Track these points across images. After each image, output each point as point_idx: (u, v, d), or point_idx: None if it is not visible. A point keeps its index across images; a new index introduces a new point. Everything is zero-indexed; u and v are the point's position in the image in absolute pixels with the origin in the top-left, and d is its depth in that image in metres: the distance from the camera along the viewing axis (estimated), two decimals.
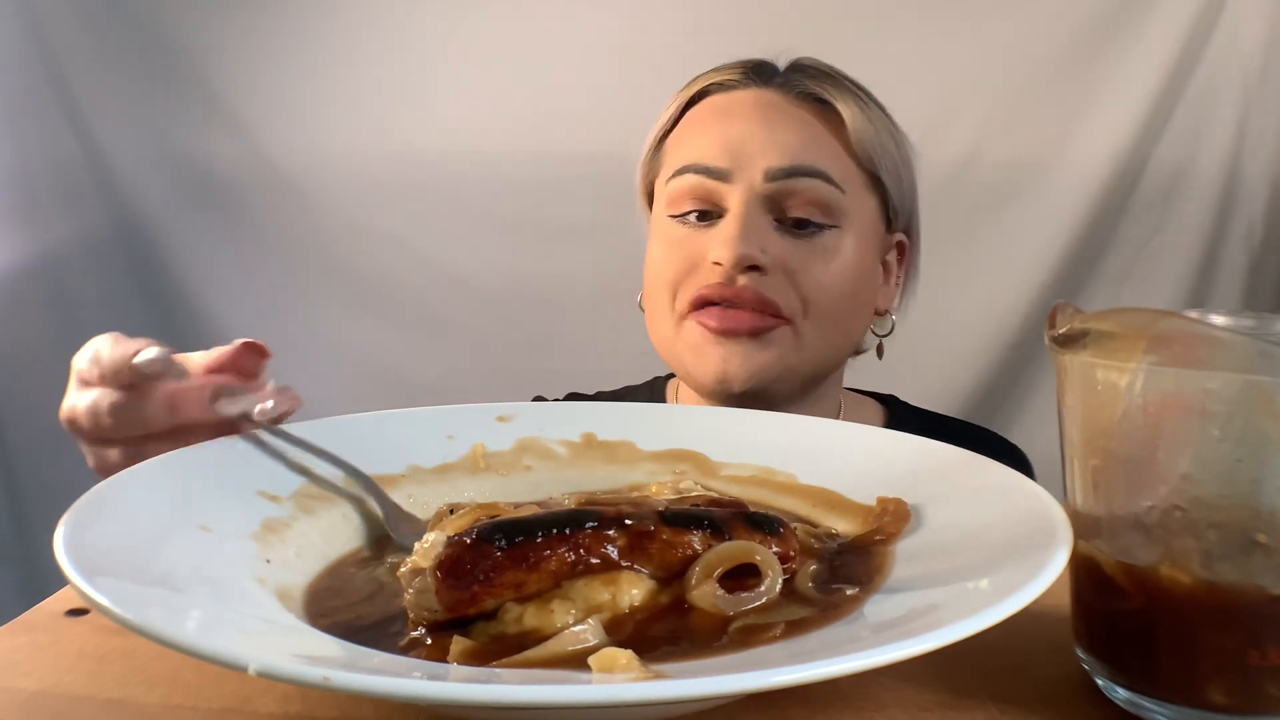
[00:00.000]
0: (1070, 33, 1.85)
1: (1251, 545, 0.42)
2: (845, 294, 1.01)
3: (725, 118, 1.04)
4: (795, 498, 0.63)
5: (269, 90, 2.03)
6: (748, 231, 0.96)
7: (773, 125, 1.01)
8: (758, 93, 1.05)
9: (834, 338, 1.03)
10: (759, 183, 0.98)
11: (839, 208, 1.00)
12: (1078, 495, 0.48)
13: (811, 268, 0.99)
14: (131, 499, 0.52)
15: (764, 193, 0.98)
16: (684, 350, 1.01)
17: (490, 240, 2.01)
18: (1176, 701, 0.44)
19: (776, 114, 1.03)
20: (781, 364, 0.99)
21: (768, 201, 0.99)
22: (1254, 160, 1.85)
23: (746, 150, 1.00)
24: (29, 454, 2.06)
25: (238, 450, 0.61)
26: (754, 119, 1.02)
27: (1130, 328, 0.44)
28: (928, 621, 0.41)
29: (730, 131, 1.01)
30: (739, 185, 0.99)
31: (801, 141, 1.00)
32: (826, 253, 1.00)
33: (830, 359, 1.05)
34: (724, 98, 1.06)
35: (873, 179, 1.04)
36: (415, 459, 0.66)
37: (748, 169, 0.99)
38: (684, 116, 1.09)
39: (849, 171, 1.02)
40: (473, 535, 0.46)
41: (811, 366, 1.02)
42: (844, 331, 1.05)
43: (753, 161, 0.99)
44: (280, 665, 0.35)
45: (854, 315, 1.05)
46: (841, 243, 1.00)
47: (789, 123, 1.02)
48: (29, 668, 0.49)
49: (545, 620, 0.45)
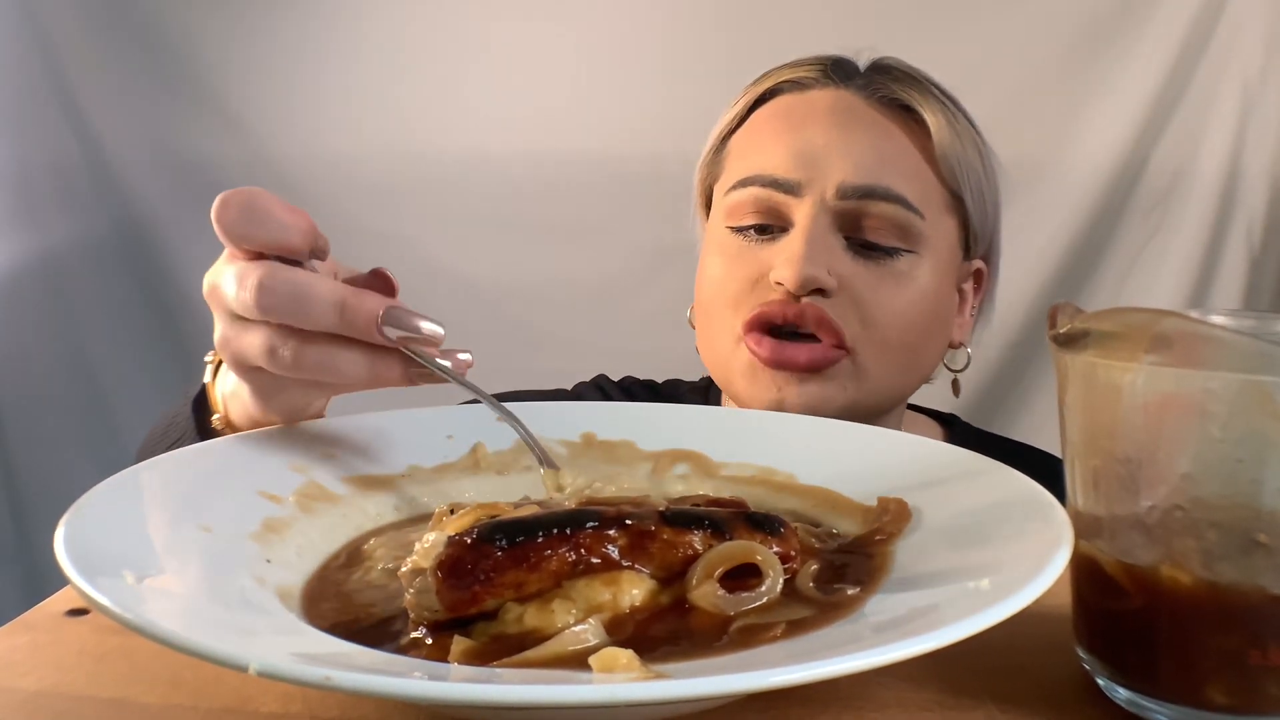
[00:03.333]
0: (1070, 33, 1.85)
1: (1252, 545, 0.42)
2: (916, 325, 0.92)
3: (798, 122, 0.94)
4: (795, 498, 0.63)
5: (269, 90, 2.03)
6: (814, 250, 0.87)
7: (849, 134, 0.92)
8: (835, 94, 0.95)
9: (901, 370, 0.94)
10: (830, 198, 0.89)
11: (917, 233, 0.91)
12: (1078, 495, 0.48)
13: (881, 294, 0.89)
14: (131, 499, 0.52)
15: (835, 210, 0.89)
16: (737, 375, 0.93)
17: (490, 240, 2.01)
18: (1177, 701, 0.44)
19: (854, 121, 0.93)
20: (843, 397, 0.90)
21: (838, 219, 0.90)
22: (1254, 160, 1.85)
23: (819, 161, 0.90)
24: (29, 454, 2.06)
25: (238, 450, 0.61)
26: (829, 125, 0.92)
27: (1130, 328, 0.44)
28: (928, 621, 0.41)
29: (802, 139, 0.92)
30: (808, 199, 0.89)
31: (880, 156, 0.91)
32: (899, 279, 0.90)
33: (898, 392, 0.96)
34: (797, 99, 0.96)
35: (954, 199, 0.95)
36: (415, 459, 0.65)
37: (819, 182, 0.89)
38: (751, 116, 0.99)
39: (930, 191, 0.93)
40: (473, 535, 0.45)
41: (876, 400, 0.93)
42: (913, 364, 0.95)
43: (825, 174, 0.89)
44: (281, 665, 0.35)
45: (925, 347, 0.96)
46: (917, 270, 0.91)
47: (868, 132, 0.92)
48: (29, 668, 0.49)
49: (546, 620, 0.45)
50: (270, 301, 0.56)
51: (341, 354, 0.57)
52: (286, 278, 0.56)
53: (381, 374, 0.58)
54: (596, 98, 1.94)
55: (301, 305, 0.56)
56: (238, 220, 0.58)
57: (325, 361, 0.57)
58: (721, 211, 0.96)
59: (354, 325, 0.56)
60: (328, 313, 0.56)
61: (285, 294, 0.56)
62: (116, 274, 2.08)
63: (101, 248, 2.07)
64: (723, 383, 0.98)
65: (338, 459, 0.63)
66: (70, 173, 2.04)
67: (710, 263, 0.97)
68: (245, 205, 0.58)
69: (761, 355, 0.89)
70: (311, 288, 0.56)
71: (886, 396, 0.95)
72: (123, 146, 2.04)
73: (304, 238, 0.58)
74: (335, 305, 0.56)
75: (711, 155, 1.02)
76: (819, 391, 0.89)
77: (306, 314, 0.56)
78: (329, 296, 0.56)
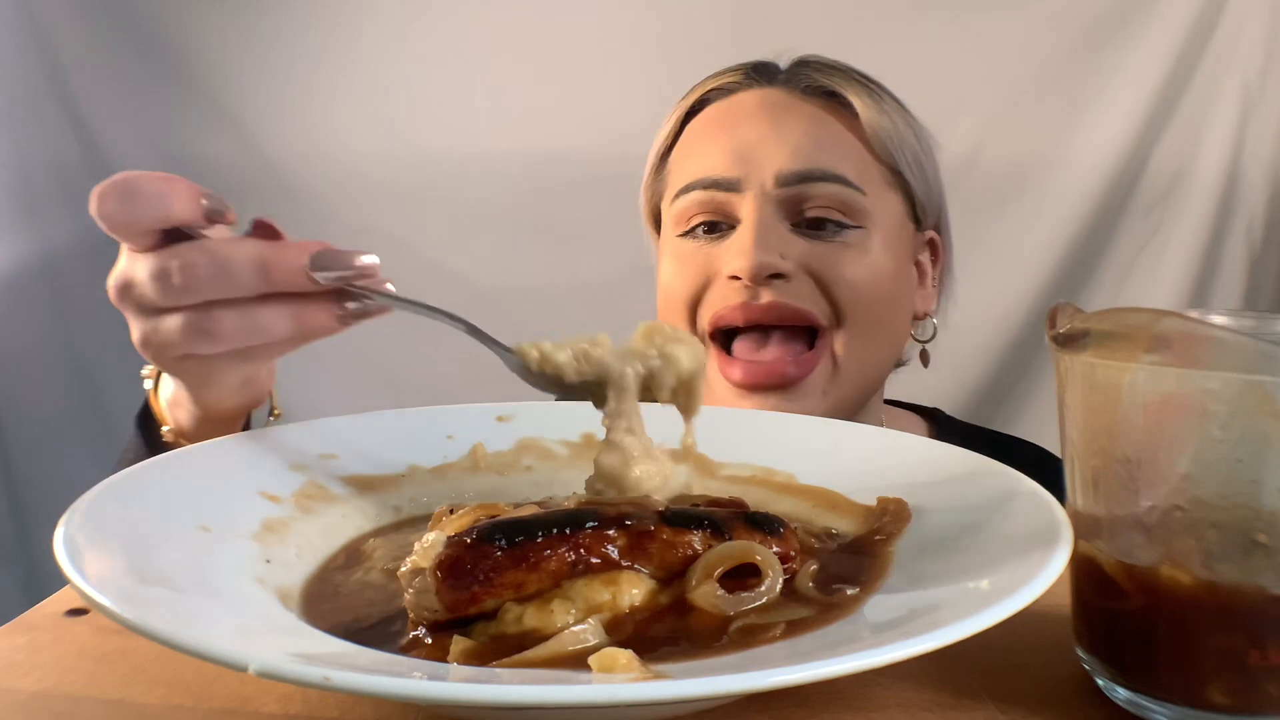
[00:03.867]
0: (1071, 33, 1.85)
1: (1251, 545, 0.42)
2: (881, 295, 0.93)
3: (729, 124, 0.96)
4: (795, 498, 0.63)
5: (269, 90, 2.03)
6: (763, 238, 0.89)
7: (781, 125, 0.94)
8: (762, 92, 0.98)
9: (874, 345, 0.95)
10: (771, 188, 0.91)
11: (861, 209, 0.92)
12: (1078, 495, 0.48)
13: (839, 267, 0.91)
14: (131, 499, 0.52)
15: (777, 197, 0.91)
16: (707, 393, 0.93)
17: (490, 240, 2.01)
18: (1177, 701, 0.44)
19: (784, 113, 0.95)
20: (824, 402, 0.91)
21: (782, 206, 0.92)
22: (1254, 160, 1.85)
23: (755, 155, 0.92)
24: (29, 454, 2.06)
25: (238, 450, 0.61)
26: (760, 120, 0.95)
27: (1130, 328, 0.44)
28: (928, 621, 0.41)
29: (736, 138, 0.94)
30: (749, 193, 0.92)
31: (814, 141, 0.93)
32: (853, 250, 0.92)
33: (875, 373, 0.97)
34: (726, 103, 0.99)
35: (894, 174, 0.97)
36: (415, 459, 0.66)
37: (757, 174, 0.92)
38: (685, 130, 1.01)
39: (868, 169, 0.95)
40: (473, 535, 0.46)
41: (856, 389, 0.94)
42: (886, 339, 0.96)
43: (762, 166, 0.92)
44: (280, 665, 0.35)
45: (893, 320, 0.97)
46: (868, 243, 0.93)
47: (798, 121, 0.95)
48: (29, 668, 0.49)
49: (545, 620, 0.45)
50: (191, 279, 0.54)
51: (263, 313, 0.55)
52: (200, 253, 0.54)
53: (310, 324, 0.56)
54: (596, 98, 1.94)
55: (222, 275, 0.54)
56: (118, 208, 0.55)
57: (249, 325, 0.55)
58: (670, 222, 0.98)
59: (281, 280, 0.54)
60: (251, 275, 0.54)
61: (204, 269, 0.54)
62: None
63: (101, 248, 2.06)
64: None
65: (338, 459, 0.63)
66: (70, 173, 2.04)
67: (665, 270, 0.99)
68: (119, 191, 0.55)
69: (735, 380, 0.90)
70: (228, 256, 0.54)
71: (869, 377, 0.96)
72: (123, 146, 2.04)
73: (187, 202, 0.56)
74: (256, 265, 0.54)
75: (653, 175, 1.05)
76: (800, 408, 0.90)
77: (230, 282, 0.54)
78: (247, 258, 0.54)
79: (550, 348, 0.56)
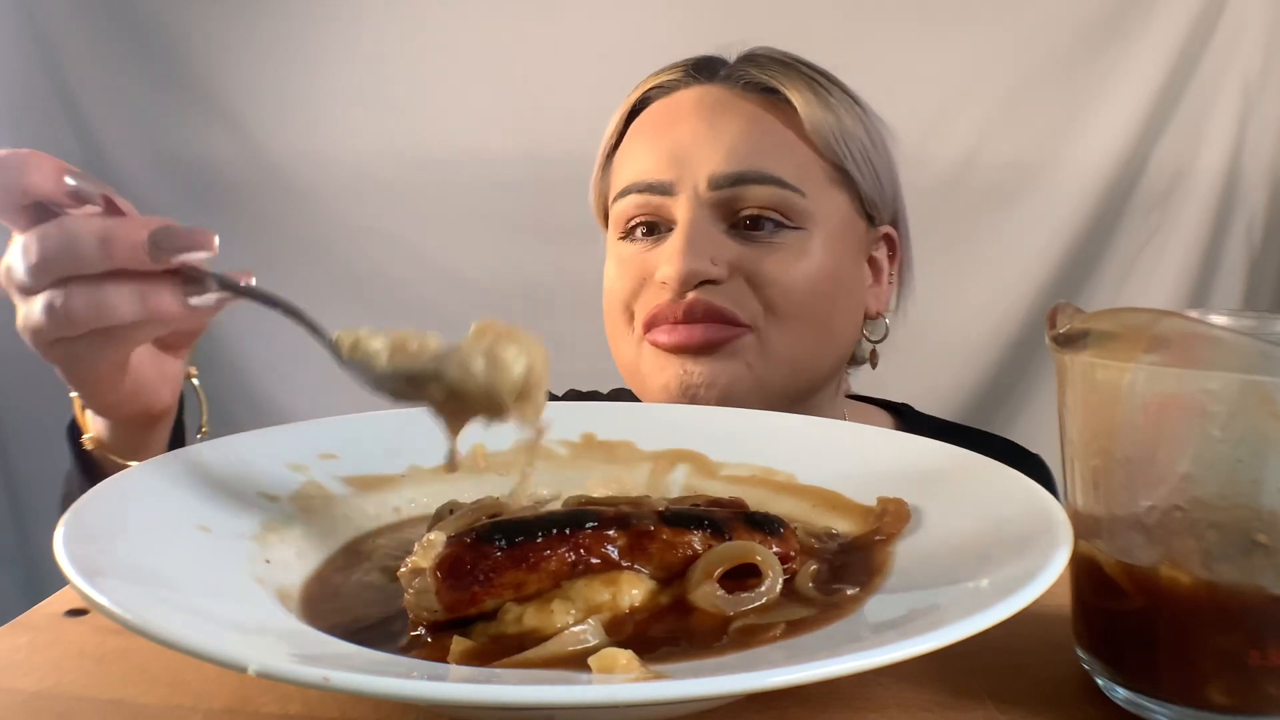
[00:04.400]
0: (1070, 33, 1.85)
1: (1251, 545, 0.42)
2: (818, 295, 0.91)
3: (666, 125, 0.95)
4: (795, 498, 0.63)
5: (269, 90, 2.03)
6: (693, 245, 0.88)
7: (716, 126, 0.92)
8: (701, 90, 0.96)
9: (810, 343, 0.93)
10: (704, 191, 0.90)
11: (800, 210, 0.91)
12: (1078, 495, 0.48)
13: (771, 269, 0.89)
14: (131, 499, 0.52)
15: (710, 200, 0.90)
16: (646, 374, 0.94)
17: (490, 240, 2.01)
18: (1176, 701, 0.44)
19: (721, 112, 0.93)
20: (750, 375, 0.90)
21: (716, 209, 0.90)
22: (1254, 160, 1.85)
23: (688, 158, 0.91)
24: (29, 454, 2.06)
25: (238, 450, 0.61)
26: (695, 121, 0.93)
27: (1130, 328, 0.44)
28: (928, 621, 0.41)
29: (671, 139, 0.93)
30: (682, 195, 0.90)
31: (749, 141, 0.91)
32: (789, 252, 0.90)
33: (812, 367, 0.95)
34: (664, 103, 0.97)
35: (839, 171, 0.94)
36: (415, 459, 0.65)
37: (689, 177, 0.90)
38: (629, 129, 1.00)
39: (808, 167, 0.92)
40: (473, 535, 0.46)
41: (786, 376, 0.92)
42: (824, 337, 0.94)
43: (695, 169, 0.90)
44: (280, 665, 0.35)
45: (834, 319, 0.95)
46: (808, 244, 0.91)
47: (734, 120, 0.92)
48: (29, 668, 0.49)
49: (545, 620, 0.45)
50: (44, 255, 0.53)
51: (109, 291, 0.53)
52: (54, 227, 0.53)
53: (155, 306, 0.54)
54: (597, 98, 1.94)
55: (69, 249, 0.53)
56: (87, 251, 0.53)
57: (96, 303, 0.53)
58: (612, 223, 0.98)
59: (122, 255, 0.52)
60: (95, 249, 0.52)
61: (53, 241, 0.53)
62: None
63: None
64: (635, 384, 0.99)
65: (338, 459, 0.63)
66: None
67: (607, 273, 0.99)
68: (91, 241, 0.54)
69: (662, 342, 0.91)
70: (74, 230, 0.53)
71: (797, 372, 0.94)
72: (123, 146, 2.04)
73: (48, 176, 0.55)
74: (100, 239, 0.52)
75: (600, 174, 1.04)
76: (724, 369, 0.90)
77: (74, 257, 0.53)
78: (91, 232, 0.52)
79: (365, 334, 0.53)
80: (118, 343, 0.58)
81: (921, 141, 1.81)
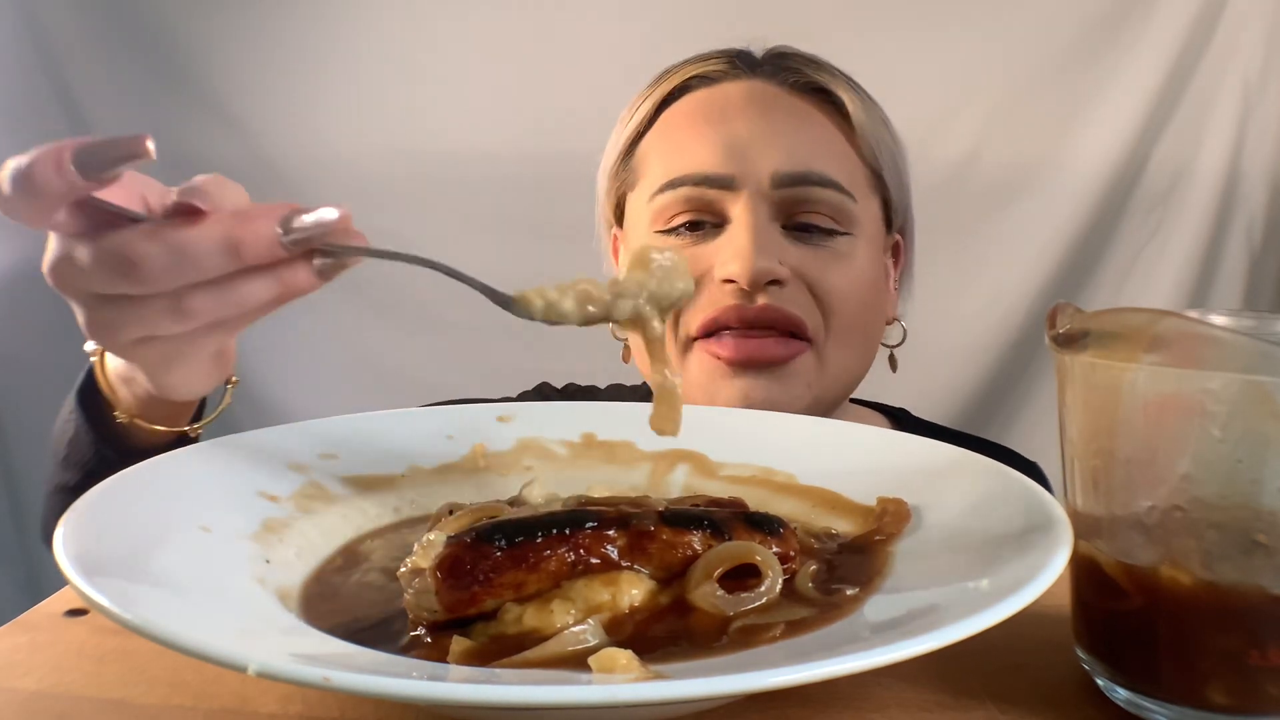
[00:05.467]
0: (1070, 33, 1.85)
1: (1251, 545, 0.42)
2: (865, 304, 0.91)
3: (717, 116, 0.92)
4: (795, 498, 0.63)
5: (269, 90, 2.03)
6: (762, 242, 0.85)
7: (773, 122, 0.90)
8: (748, 84, 0.93)
9: (856, 355, 0.93)
10: (766, 189, 0.88)
11: (851, 215, 0.90)
12: (1078, 495, 0.48)
13: (831, 277, 0.88)
14: (132, 499, 0.52)
15: (772, 199, 0.88)
16: (690, 385, 0.89)
17: (490, 240, 2.01)
18: (1176, 701, 0.44)
19: (775, 108, 0.91)
20: (809, 394, 0.88)
21: (776, 208, 0.88)
22: (1254, 160, 1.85)
23: (748, 153, 0.88)
24: (29, 454, 2.06)
25: (238, 450, 0.61)
26: (751, 115, 0.90)
27: (1130, 328, 0.44)
28: (928, 621, 0.41)
29: (727, 132, 0.90)
30: (744, 192, 0.87)
31: (809, 143, 0.90)
32: (841, 259, 0.89)
33: (853, 378, 0.95)
34: (709, 93, 0.94)
35: (875, 177, 0.94)
36: (415, 459, 0.65)
37: (752, 173, 0.88)
38: (660, 117, 0.96)
39: (856, 172, 0.92)
40: (472, 535, 0.46)
41: (835, 391, 0.92)
42: (866, 347, 0.94)
43: (756, 165, 0.88)
44: (280, 665, 0.35)
45: (874, 327, 0.95)
46: (855, 250, 0.90)
47: (790, 118, 0.91)
48: (29, 668, 0.49)
49: (545, 620, 0.45)
50: (149, 273, 0.49)
51: (240, 287, 0.50)
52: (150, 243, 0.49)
53: (292, 285, 0.51)
54: (597, 98, 1.94)
55: (188, 261, 0.49)
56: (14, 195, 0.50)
57: (226, 300, 0.50)
58: (646, 217, 0.93)
59: (256, 256, 0.49)
60: (220, 258, 0.49)
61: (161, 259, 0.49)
62: None
63: None
64: None
65: (338, 459, 0.63)
66: None
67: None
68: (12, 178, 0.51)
69: (725, 356, 0.86)
70: (187, 244, 0.48)
71: (843, 384, 0.93)
72: None
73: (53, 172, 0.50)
74: (225, 247, 0.48)
75: (620, 163, 0.98)
76: (785, 391, 0.87)
77: (197, 269, 0.49)
78: (213, 242, 0.48)
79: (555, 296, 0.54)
80: (239, 327, 0.54)
81: (922, 141, 1.81)
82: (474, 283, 0.55)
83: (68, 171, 0.48)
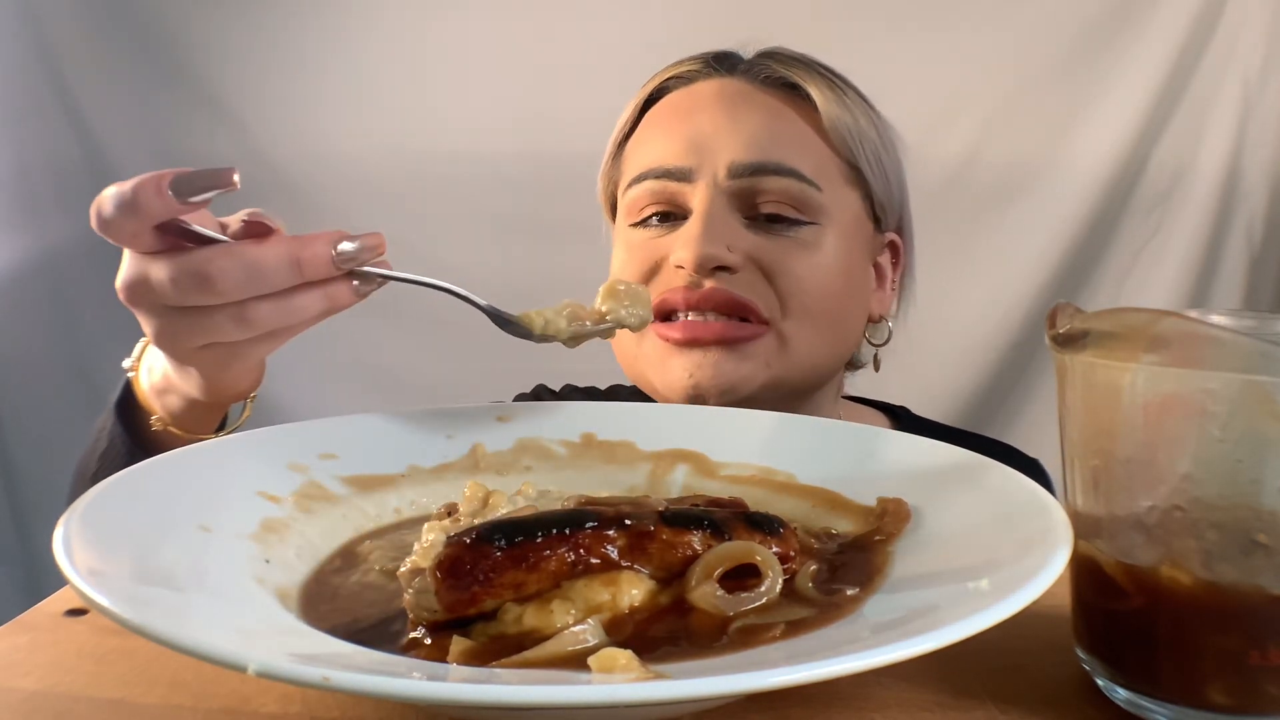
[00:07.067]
0: (1070, 33, 1.85)
1: (1252, 545, 0.42)
2: (832, 292, 0.92)
3: (685, 113, 0.95)
4: (795, 498, 0.63)
5: (269, 90, 2.03)
6: (711, 230, 0.87)
7: (736, 115, 0.92)
8: (721, 82, 0.96)
9: (824, 341, 0.93)
10: (723, 179, 0.90)
11: (815, 205, 0.91)
12: (1078, 495, 0.48)
13: (788, 263, 0.89)
14: (132, 499, 0.52)
15: (729, 189, 0.90)
16: (646, 366, 0.92)
17: (490, 240, 2.01)
18: (1176, 701, 0.44)
19: (742, 103, 0.93)
20: (767, 374, 0.89)
21: (734, 198, 0.90)
22: (1254, 160, 1.85)
23: (709, 145, 0.91)
24: (29, 454, 2.06)
25: (238, 450, 0.61)
26: (716, 110, 0.93)
27: (1130, 328, 0.44)
28: (928, 621, 0.41)
29: (691, 127, 0.93)
30: (701, 183, 0.90)
31: (770, 133, 0.91)
32: (805, 247, 0.90)
33: (823, 367, 0.95)
34: (684, 92, 0.97)
35: (853, 170, 0.95)
36: (415, 459, 0.65)
37: (709, 165, 0.90)
38: (643, 118, 1.00)
39: (825, 163, 0.93)
40: (472, 535, 0.45)
41: (801, 374, 0.92)
42: (836, 335, 0.95)
43: (715, 157, 0.90)
44: (280, 665, 0.35)
45: (845, 318, 0.95)
46: (822, 239, 0.91)
47: (756, 112, 0.93)
48: (29, 668, 0.49)
49: (545, 620, 0.45)
50: (226, 285, 0.57)
51: (296, 300, 0.60)
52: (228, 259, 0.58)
53: (337, 300, 0.61)
54: (597, 98, 1.94)
55: (258, 276, 0.58)
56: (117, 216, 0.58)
57: (285, 311, 0.60)
58: (624, 211, 0.97)
59: (314, 272, 0.59)
60: (285, 273, 0.58)
61: (237, 273, 0.57)
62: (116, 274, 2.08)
63: (101, 248, 2.05)
64: (636, 378, 0.97)
65: (338, 459, 0.63)
66: (70, 173, 2.03)
67: (616, 258, 0.98)
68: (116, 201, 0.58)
69: (673, 337, 0.89)
70: (259, 260, 0.58)
71: (812, 371, 0.94)
72: (123, 146, 2.04)
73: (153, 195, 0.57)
74: (290, 264, 0.58)
75: (610, 162, 1.03)
76: (736, 369, 0.88)
77: (266, 282, 0.58)
78: (279, 258, 0.58)
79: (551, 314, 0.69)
80: (289, 336, 0.64)
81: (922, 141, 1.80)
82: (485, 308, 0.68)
83: (166, 196, 0.56)
